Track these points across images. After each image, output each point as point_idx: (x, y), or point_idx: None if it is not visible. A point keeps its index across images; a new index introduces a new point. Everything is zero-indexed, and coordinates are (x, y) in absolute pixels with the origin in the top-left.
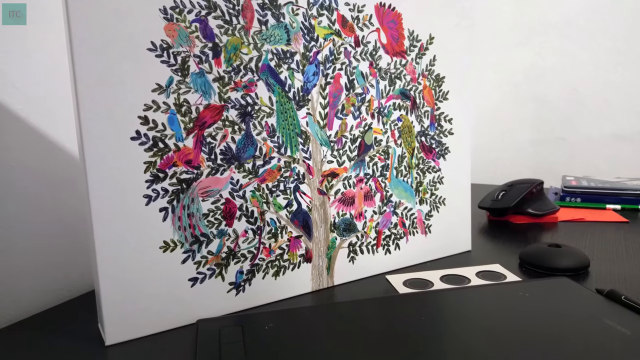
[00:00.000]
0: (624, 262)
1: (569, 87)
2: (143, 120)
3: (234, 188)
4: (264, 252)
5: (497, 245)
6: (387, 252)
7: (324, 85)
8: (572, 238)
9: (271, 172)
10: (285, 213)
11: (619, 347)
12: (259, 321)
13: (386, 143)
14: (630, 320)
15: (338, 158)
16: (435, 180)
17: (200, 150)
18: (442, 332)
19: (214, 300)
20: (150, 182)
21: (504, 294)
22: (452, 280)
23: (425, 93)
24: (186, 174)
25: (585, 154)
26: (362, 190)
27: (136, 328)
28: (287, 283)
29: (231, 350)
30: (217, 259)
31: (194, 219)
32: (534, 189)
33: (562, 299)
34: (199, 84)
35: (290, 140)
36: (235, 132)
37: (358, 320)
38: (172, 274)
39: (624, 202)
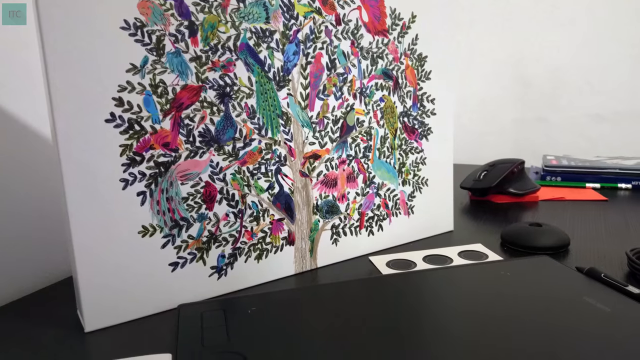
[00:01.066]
0: (603, 240)
1: (551, 67)
2: (117, 101)
3: (213, 171)
4: (245, 235)
5: (478, 225)
6: (370, 233)
7: (304, 65)
8: (552, 217)
9: (252, 154)
10: (267, 196)
11: (599, 324)
12: (242, 305)
13: (368, 124)
14: (610, 297)
15: (320, 139)
16: (418, 161)
17: (178, 133)
18: (425, 312)
19: (196, 284)
20: (127, 165)
21: (485, 274)
22: (434, 260)
23: (408, 73)
24: (164, 157)
25: (566, 134)
26: (345, 172)
27: (116, 314)
28: (269, 266)
29: (213, 334)
30: (198, 243)
31: (173, 203)
32: (515, 169)
33: (543, 277)
34: (175, 63)
35: (271, 122)
36: (214, 113)
37: (341, 302)
38: (152, 259)
39: (603, 180)
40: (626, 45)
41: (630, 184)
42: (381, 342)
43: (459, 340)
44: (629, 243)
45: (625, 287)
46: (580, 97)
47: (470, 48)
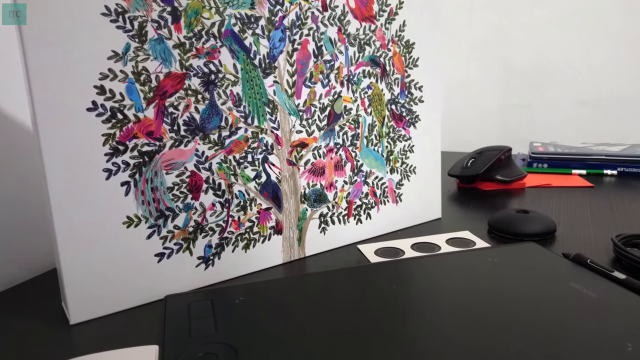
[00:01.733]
0: (589, 226)
1: (536, 53)
2: (99, 89)
3: (199, 160)
4: (232, 225)
5: (466, 212)
6: (358, 222)
7: (291, 52)
8: (539, 203)
9: (238, 143)
10: (254, 185)
11: (585, 310)
12: (229, 295)
13: (356, 112)
14: (596, 283)
15: (307, 128)
16: (406, 149)
17: (162, 121)
18: (414, 300)
19: (183, 275)
20: (110, 155)
21: (473, 261)
22: (422, 248)
23: (395, 60)
24: (148, 146)
25: (552, 120)
26: (333, 160)
27: (101, 306)
28: (257, 256)
29: (201, 325)
30: (184, 233)
31: (158, 192)
32: (502, 156)
33: (529, 264)
34: (158, 50)
35: (257, 110)
36: (198, 101)
37: (330, 291)
38: (138, 249)
39: (589, 167)
40: (611, 30)
41: (616, 170)
42: (370, 330)
43: (447, 328)
44: (615, 229)
45: (611, 273)
46: (565, 82)
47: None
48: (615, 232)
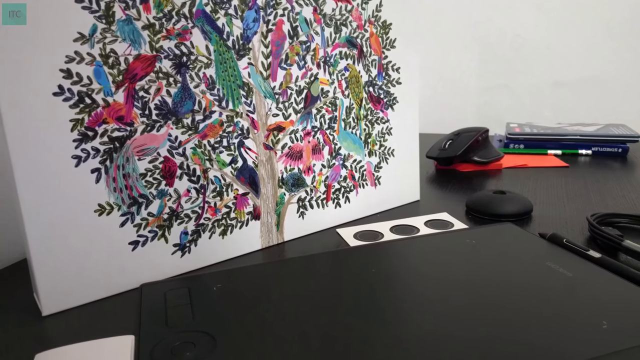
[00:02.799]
0: (564, 206)
1: (513, 34)
2: (66, 73)
3: (172, 145)
4: (209, 211)
5: (444, 194)
6: (337, 205)
7: (265, 33)
8: (516, 184)
9: (212, 127)
10: (230, 170)
11: (561, 289)
12: (207, 282)
13: (333, 94)
14: (572, 262)
15: (284, 111)
16: (384, 131)
17: (133, 106)
18: (394, 283)
19: (158, 263)
20: (79, 141)
21: (451, 242)
22: (401, 230)
23: (372, 41)
24: (118, 132)
25: (528, 101)
26: (310, 144)
27: (75, 296)
28: (235, 242)
29: (178, 314)
30: (159, 220)
31: (130, 179)
32: (480, 137)
33: (507, 244)
34: (126, 32)
35: (232, 93)
36: (170, 84)
37: (310, 275)
38: (111, 238)
39: (564, 147)
40: (586, 13)
41: (590, 150)
42: (351, 314)
43: (427, 309)
44: (590, 208)
45: (586, 252)
46: (541, 63)
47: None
48: (590, 212)
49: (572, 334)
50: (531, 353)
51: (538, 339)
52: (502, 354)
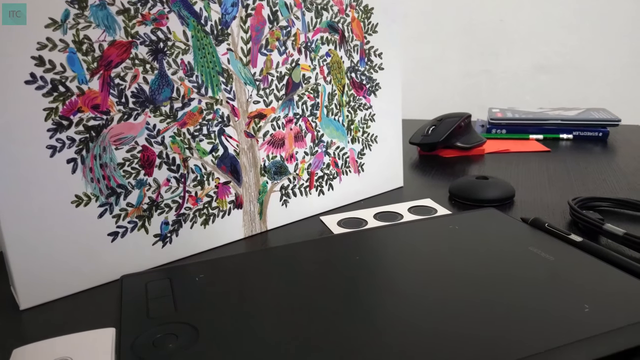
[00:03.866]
0: (546, 190)
1: (495, 19)
2: (38, 60)
3: (150, 134)
4: (190, 200)
5: (427, 180)
6: (320, 193)
7: (244, 18)
8: (498, 169)
9: (192, 115)
10: (210, 159)
11: (543, 272)
12: (189, 273)
13: (315, 80)
14: (553, 246)
15: (265, 98)
16: (367, 117)
17: (109, 93)
18: (377, 270)
19: (139, 254)
20: (53, 130)
21: (434, 228)
22: (385, 217)
23: (354, 26)
24: (94, 121)
25: (510, 86)
26: (292, 131)
27: (53, 289)
28: (217, 231)
29: (159, 305)
30: (139, 210)
31: (107, 169)
32: (462, 123)
33: (489, 229)
34: (100, 17)
35: (211, 80)
36: (147, 71)
37: (293, 264)
38: (89, 229)
39: (545, 132)
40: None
41: (572, 134)
42: (335, 302)
43: (411, 295)
44: (571, 192)
45: (568, 236)
46: (523, 48)
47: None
48: (572, 196)
49: (555, 318)
50: (514, 337)
51: (520, 323)
52: (485, 338)
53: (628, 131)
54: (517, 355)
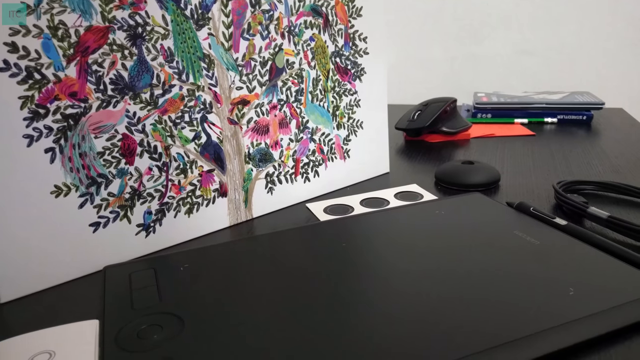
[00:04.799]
0: (531, 174)
1: (480, 2)
2: (11, 47)
3: (131, 122)
4: (173, 189)
5: (414, 165)
6: (306, 180)
7: (225, 1)
8: (483, 154)
9: (173, 101)
10: (193, 146)
11: (529, 256)
12: (174, 262)
13: (299, 65)
14: (539, 230)
15: (248, 83)
16: (352, 103)
17: (86, 80)
18: (364, 256)
19: (122, 244)
20: (30, 119)
21: (420, 214)
22: (371, 203)
23: (338, 9)
24: (72, 109)
25: (495, 70)
26: (277, 118)
27: (35, 281)
28: (202, 220)
29: (144, 296)
30: (120, 200)
31: (87, 158)
32: (448, 107)
33: (475, 214)
34: (75, 2)
35: (192, 65)
36: (125, 57)
37: (280, 252)
38: (70, 220)
39: (530, 115)
40: None
41: (556, 118)
42: (322, 289)
43: (398, 281)
44: (555, 176)
45: (552, 220)
46: (508, 31)
47: None
48: (556, 179)
49: (540, 302)
50: (500, 320)
51: (507, 307)
52: (472, 323)
53: (612, 114)
54: (503, 339)
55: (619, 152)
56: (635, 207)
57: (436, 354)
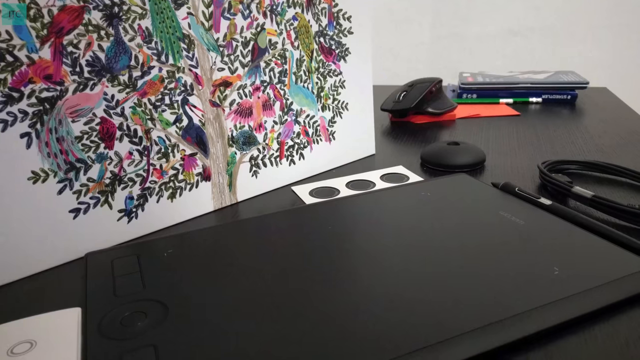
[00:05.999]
0: (516, 154)
1: None
2: None
3: (109, 105)
4: (154, 174)
5: (399, 147)
6: (291, 162)
7: None
8: (469, 134)
9: (152, 84)
10: (174, 130)
11: (514, 236)
12: (157, 248)
13: (282, 46)
14: (524, 210)
15: (230, 65)
16: (337, 84)
17: (62, 62)
18: (350, 239)
19: (103, 230)
20: (3, 103)
21: (407, 195)
22: (357, 185)
23: None
24: (47, 92)
25: (480, 50)
26: (260, 100)
27: (14, 269)
28: (185, 204)
29: (127, 282)
30: (101, 185)
31: (65, 143)
32: (433, 88)
33: (461, 195)
34: None
35: (171, 46)
36: (102, 38)
37: (265, 236)
38: (49, 207)
39: (515, 95)
40: None
41: (541, 98)
42: (309, 273)
43: (384, 263)
44: (540, 156)
45: (537, 200)
46: (493, 11)
47: None
48: (541, 159)
49: (525, 282)
50: (486, 300)
51: (492, 287)
52: (458, 303)
53: (596, 93)
54: (488, 319)
55: (603, 131)
56: (619, 186)
57: (424, 334)
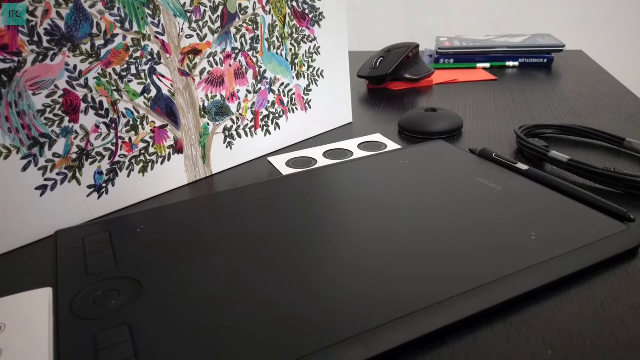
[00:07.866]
0: (493, 120)
1: None
2: None
3: (72, 76)
4: (124, 147)
5: (377, 115)
6: (266, 133)
7: None
8: (446, 101)
9: (117, 52)
10: (143, 101)
11: (491, 203)
12: (129, 224)
13: (253, 10)
14: (501, 176)
15: (198, 31)
16: (312, 50)
17: (17, 32)
18: (329, 210)
19: (73, 207)
20: None
21: (384, 164)
22: (335, 155)
23: None
24: (4, 63)
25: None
26: (232, 68)
27: None
28: (157, 178)
29: (99, 260)
30: (67, 161)
31: (26, 117)
32: (410, 53)
33: (439, 162)
34: None
35: (135, 12)
36: (60, 5)
37: (241, 209)
38: (13, 184)
39: (492, 60)
40: None
41: (517, 62)
42: (286, 246)
43: (363, 232)
44: (517, 121)
45: (514, 165)
46: None
47: None
48: (518, 124)
49: (503, 247)
50: (463, 267)
51: (470, 254)
52: (435, 269)
53: (572, 56)
54: (466, 286)
55: (578, 94)
56: (594, 149)
57: (404, 302)
